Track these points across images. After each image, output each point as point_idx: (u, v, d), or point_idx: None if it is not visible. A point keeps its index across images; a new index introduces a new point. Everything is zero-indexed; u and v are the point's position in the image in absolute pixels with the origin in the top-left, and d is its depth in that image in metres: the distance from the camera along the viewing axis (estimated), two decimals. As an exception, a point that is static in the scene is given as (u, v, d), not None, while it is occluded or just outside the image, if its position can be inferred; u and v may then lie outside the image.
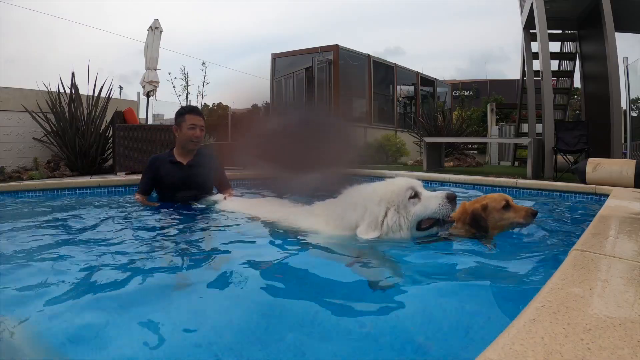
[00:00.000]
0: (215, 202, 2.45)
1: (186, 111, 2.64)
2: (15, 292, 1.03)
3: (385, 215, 1.52)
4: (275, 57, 10.13)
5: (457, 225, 1.60)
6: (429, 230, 1.55)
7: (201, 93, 9.99)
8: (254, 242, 1.66)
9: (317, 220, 1.72)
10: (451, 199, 1.51)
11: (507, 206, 1.54)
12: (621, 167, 3.45)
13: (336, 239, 1.56)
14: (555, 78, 8.23)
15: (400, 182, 1.59)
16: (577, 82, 8.21)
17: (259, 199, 2.63)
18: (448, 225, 1.55)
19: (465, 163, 8.07)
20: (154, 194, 2.69)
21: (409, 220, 1.52)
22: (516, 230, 1.63)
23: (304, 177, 2.22)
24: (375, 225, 1.51)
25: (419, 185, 1.59)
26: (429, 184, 3.90)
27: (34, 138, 5.19)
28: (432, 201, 1.52)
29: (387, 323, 0.88)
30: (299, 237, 1.63)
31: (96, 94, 5.41)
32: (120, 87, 13.34)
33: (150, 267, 1.26)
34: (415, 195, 1.54)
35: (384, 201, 1.54)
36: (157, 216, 2.25)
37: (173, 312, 0.94)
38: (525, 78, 7.72)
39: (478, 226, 1.55)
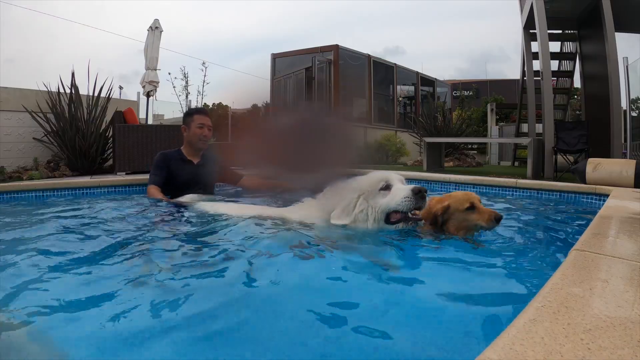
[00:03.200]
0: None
1: (194, 111, 2.90)
2: (15, 292, 1.03)
3: (356, 202, 1.55)
4: (275, 57, 10.14)
5: (424, 224, 1.57)
6: (397, 224, 1.51)
7: (201, 93, 9.96)
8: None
9: (306, 208, 1.78)
10: (416, 193, 1.46)
11: (471, 207, 1.49)
12: (621, 167, 3.45)
13: (316, 223, 1.61)
14: (555, 78, 8.23)
15: (377, 173, 1.61)
16: (577, 82, 8.22)
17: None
18: (414, 223, 1.50)
19: (465, 163, 8.07)
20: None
21: (375, 212, 1.52)
22: (487, 232, 1.55)
23: (303, 177, 2.22)
24: (347, 212, 1.55)
25: (395, 179, 1.57)
26: (429, 184, 3.88)
27: (34, 138, 5.19)
28: (397, 194, 1.49)
29: (381, 324, 0.88)
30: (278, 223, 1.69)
31: (96, 94, 5.42)
32: (120, 87, 13.33)
33: (151, 266, 1.26)
34: (387, 188, 1.54)
35: (357, 189, 1.58)
36: (158, 215, 2.24)
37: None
38: (525, 78, 7.73)
39: (438, 227, 1.53)
